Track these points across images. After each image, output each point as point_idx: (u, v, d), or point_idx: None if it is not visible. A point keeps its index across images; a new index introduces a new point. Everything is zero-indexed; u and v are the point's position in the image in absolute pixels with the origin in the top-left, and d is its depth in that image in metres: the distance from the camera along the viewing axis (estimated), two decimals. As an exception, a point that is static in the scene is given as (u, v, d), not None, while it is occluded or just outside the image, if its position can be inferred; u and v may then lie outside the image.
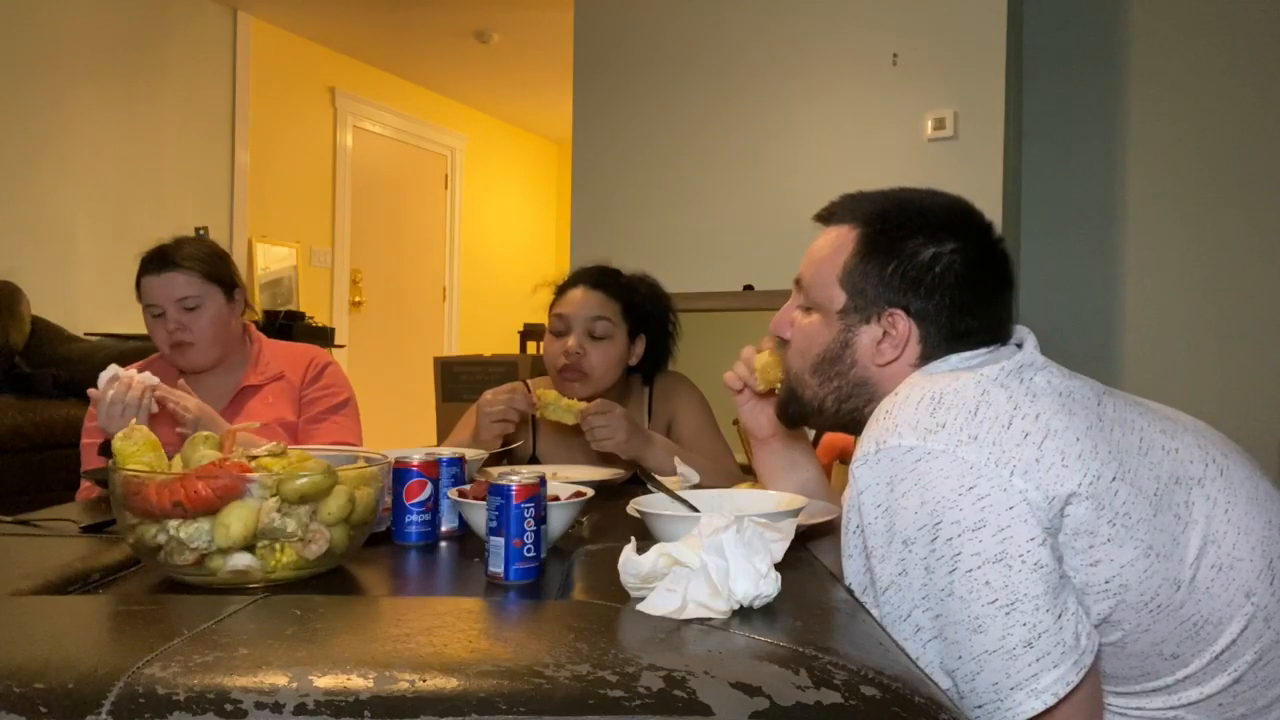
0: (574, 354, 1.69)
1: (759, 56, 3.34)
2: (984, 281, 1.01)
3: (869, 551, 0.89)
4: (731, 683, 0.60)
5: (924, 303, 0.99)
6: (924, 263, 0.99)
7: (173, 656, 0.61)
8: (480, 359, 3.92)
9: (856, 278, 1.02)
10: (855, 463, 0.90)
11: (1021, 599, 0.80)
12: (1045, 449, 0.85)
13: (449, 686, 0.59)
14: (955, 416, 0.86)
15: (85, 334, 3.68)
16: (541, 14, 4.55)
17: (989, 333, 1.01)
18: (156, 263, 1.73)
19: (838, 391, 1.05)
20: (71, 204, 3.90)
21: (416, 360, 5.26)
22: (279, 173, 4.87)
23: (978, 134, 2.98)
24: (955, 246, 1.00)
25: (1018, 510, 0.82)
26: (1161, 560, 0.86)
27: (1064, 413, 0.88)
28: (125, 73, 4.11)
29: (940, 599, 0.83)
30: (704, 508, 1.07)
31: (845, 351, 1.04)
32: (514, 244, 6.73)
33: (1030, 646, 0.80)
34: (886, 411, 0.91)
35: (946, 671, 0.84)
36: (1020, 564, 0.81)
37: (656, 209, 3.52)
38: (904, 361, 1.01)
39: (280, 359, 1.86)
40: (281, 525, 0.88)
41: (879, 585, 0.88)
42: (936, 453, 0.84)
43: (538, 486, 0.92)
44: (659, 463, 1.59)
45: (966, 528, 0.82)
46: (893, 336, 1.01)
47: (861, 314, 1.02)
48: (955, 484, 0.83)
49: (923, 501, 0.84)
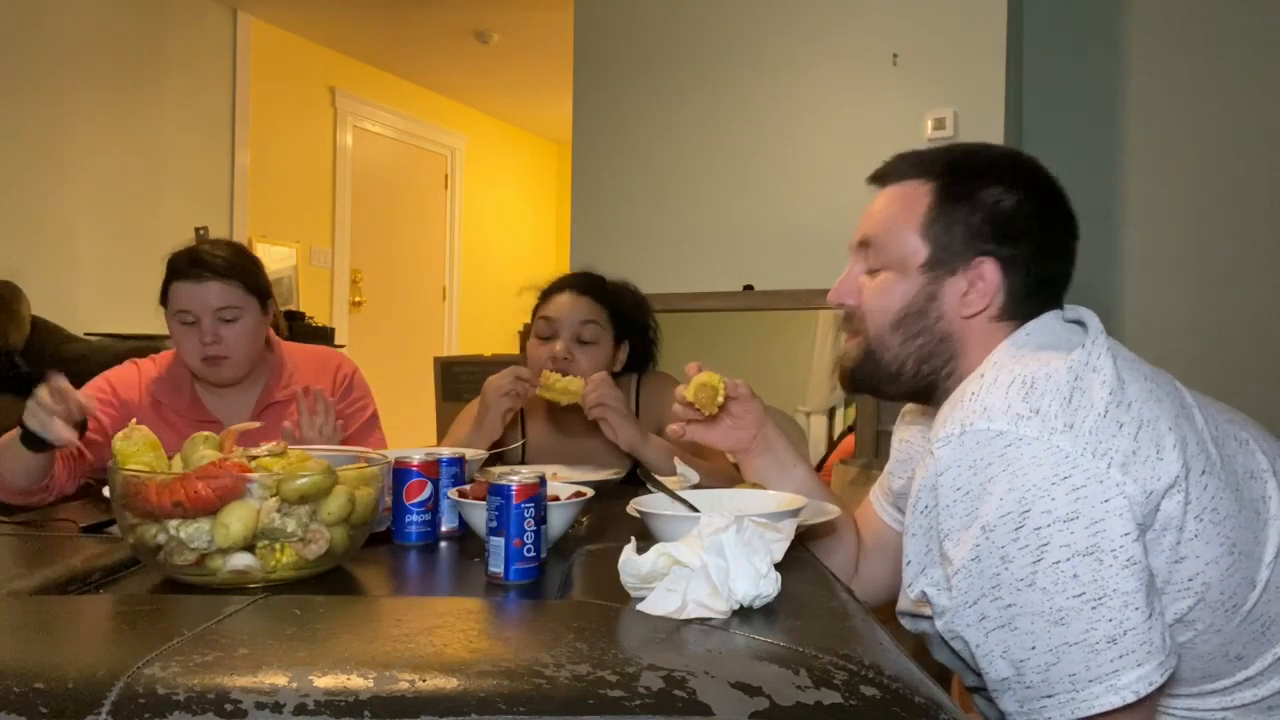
0: (561, 358, 1.69)
1: (759, 56, 3.34)
2: (1059, 228, 1.00)
3: (943, 534, 0.86)
4: (731, 683, 0.60)
5: (1011, 249, 0.97)
6: (1008, 209, 0.97)
7: (173, 656, 0.61)
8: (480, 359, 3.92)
9: (939, 229, 0.99)
10: (936, 443, 0.87)
11: (1110, 594, 0.78)
12: (1141, 440, 0.82)
13: (449, 686, 0.59)
14: (1050, 403, 0.83)
15: (85, 334, 3.68)
16: (541, 14, 4.55)
17: (1063, 282, 1.00)
18: (195, 268, 1.64)
19: (920, 349, 1.01)
20: (71, 204, 3.89)
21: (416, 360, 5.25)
22: (279, 173, 4.87)
23: (978, 134, 2.97)
24: (1030, 193, 0.99)
25: (1114, 504, 0.79)
26: (1243, 558, 0.84)
27: (1153, 400, 0.86)
28: (125, 73, 4.11)
29: (1016, 589, 0.81)
30: (704, 508, 1.07)
31: (931, 305, 1.00)
32: (514, 244, 6.73)
33: (1114, 643, 0.78)
34: (972, 394, 0.88)
35: (1011, 661, 0.82)
36: (1113, 559, 0.79)
37: (656, 209, 3.52)
38: (988, 314, 0.98)
39: (303, 369, 1.78)
40: (281, 525, 0.88)
41: (950, 568, 0.85)
42: (1029, 439, 0.81)
43: (538, 486, 0.92)
44: (654, 455, 1.59)
45: (1058, 518, 0.79)
46: (981, 286, 0.98)
47: (947, 266, 0.99)
48: (1049, 473, 0.80)
49: (1010, 488, 0.81)
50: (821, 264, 3.03)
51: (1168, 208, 3.21)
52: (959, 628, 0.85)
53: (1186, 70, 3.16)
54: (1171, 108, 3.19)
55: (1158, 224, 3.22)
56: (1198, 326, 3.15)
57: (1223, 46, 3.12)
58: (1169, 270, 3.21)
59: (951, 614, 0.85)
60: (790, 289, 3.01)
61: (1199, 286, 3.16)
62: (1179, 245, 3.19)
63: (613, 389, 1.60)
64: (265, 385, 1.76)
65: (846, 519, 1.20)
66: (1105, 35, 3.29)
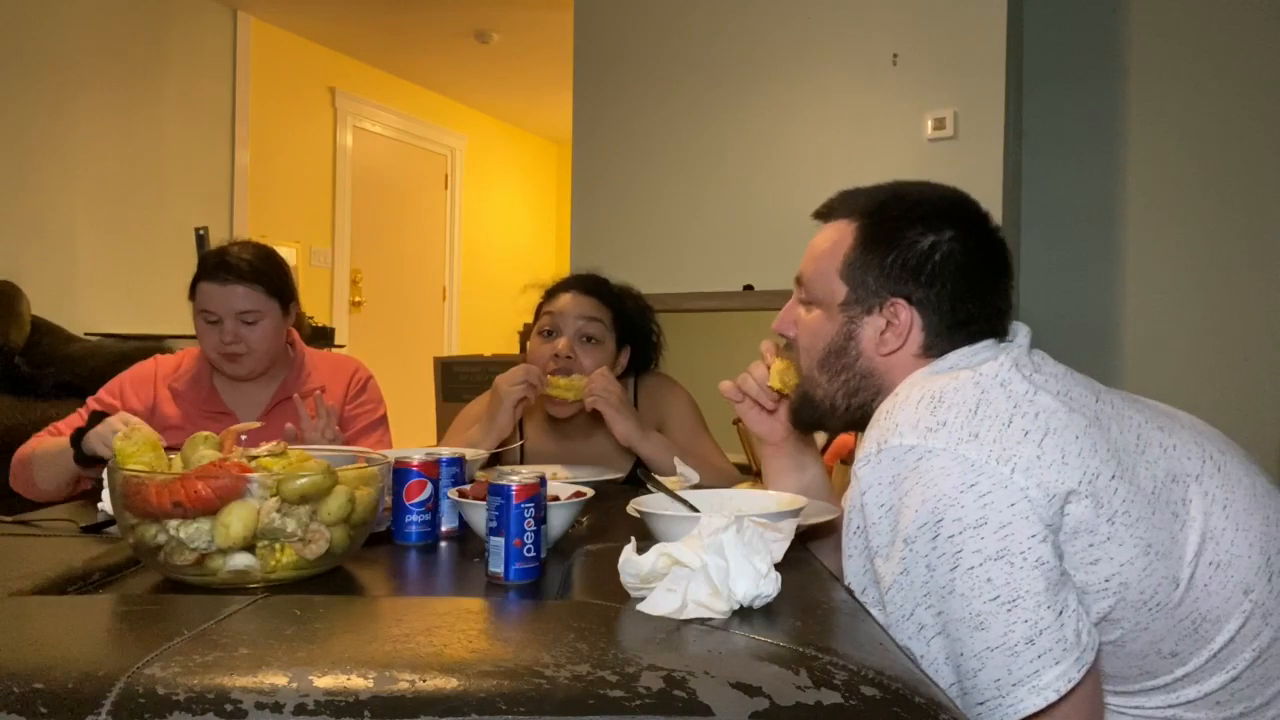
0: (564, 356, 1.68)
1: (759, 56, 3.34)
2: (983, 269, 1.02)
3: (873, 551, 0.89)
4: (731, 683, 0.60)
5: (925, 291, 1.00)
6: (923, 251, 1.00)
7: (173, 656, 0.61)
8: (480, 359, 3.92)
9: (857, 270, 1.03)
10: (858, 463, 0.90)
11: (1023, 596, 0.80)
12: (1045, 446, 0.85)
13: (449, 686, 0.59)
14: (956, 415, 0.87)
15: (85, 334, 3.68)
16: (541, 14, 4.55)
17: (990, 321, 1.01)
18: (221, 271, 1.69)
19: (845, 385, 1.05)
20: (71, 204, 3.89)
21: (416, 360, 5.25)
22: (279, 173, 4.87)
23: (978, 134, 2.98)
24: (953, 234, 1.01)
25: (1019, 507, 0.82)
26: (1160, 558, 0.86)
27: (1063, 410, 0.88)
28: (125, 73, 4.11)
29: (942, 596, 0.83)
30: (704, 508, 1.07)
31: (849, 344, 1.04)
32: (514, 244, 6.72)
33: (1031, 643, 0.80)
34: (887, 412, 0.91)
35: (953, 667, 0.84)
36: (1022, 561, 0.81)
37: (656, 209, 3.52)
38: (907, 351, 1.02)
39: (321, 371, 1.83)
40: (281, 525, 0.88)
41: (883, 585, 0.88)
42: (938, 451, 0.84)
43: (538, 486, 0.92)
44: (652, 450, 1.59)
45: (968, 525, 0.82)
46: (895, 326, 1.01)
47: (863, 305, 1.03)
48: (956, 481, 0.83)
49: (924, 499, 0.84)
50: (821, 264, 3.03)
51: (1168, 207, 3.21)
52: (902, 640, 0.87)
53: (1186, 70, 3.16)
54: (1172, 107, 3.19)
55: (1158, 224, 3.22)
56: (1197, 326, 3.15)
57: (1223, 46, 3.12)
58: (1169, 270, 3.21)
59: (893, 630, 0.87)
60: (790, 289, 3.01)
61: (1199, 286, 3.16)
62: (1179, 245, 3.19)
63: (613, 382, 1.61)
64: (283, 382, 1.79)
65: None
66: (1105, 35, 3.29)
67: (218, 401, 1.75)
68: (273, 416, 1.72)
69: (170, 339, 3.38)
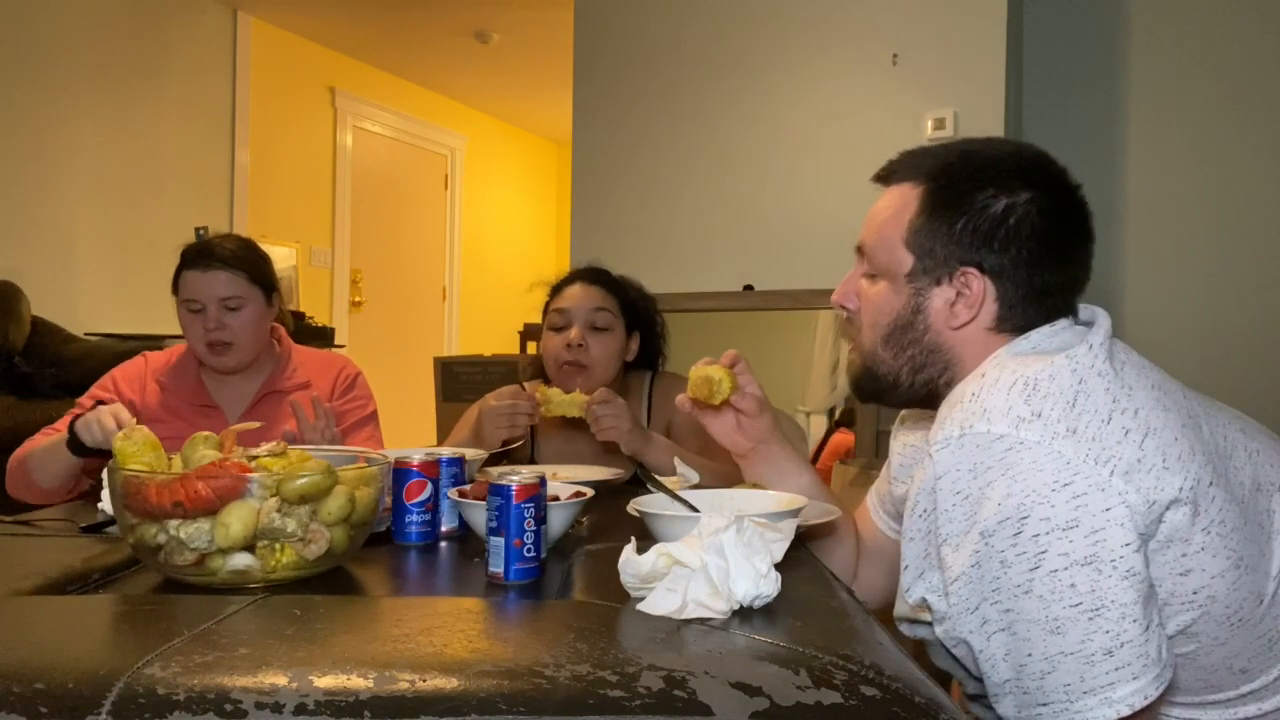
0: (576, 345, 1.70)
1: (759, 56, 3.34)
2: (1063, 234, 0.94)
3: (941, 539, 0.84)
4: (731, 683, 0.60)
5: (999, 258, 0.92)
6: (996, 215, 0.92)
7: (173, 656, 0.61)
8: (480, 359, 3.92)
9: (924, 237, 0.95)
10: (935, 445, 0.84)
11: (1108, 606, 0.76)
12: (1146, 448, 0.79)
13: (449, 686, 0.59)
14: (1052, 406, 0.80)
15: (85, 334, 3.68)
16: (541, 14, 4.55)
17: (1069, 292, 0.94)
18: (202, 258, 1.70)
19: (911, 361, 0.98)
20: (71, 204, 3.89)
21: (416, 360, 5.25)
22: (279, 173, 4.87)
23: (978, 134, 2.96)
24: (1030, 196, 0.92)
25: (1115, 513, 0.77)
26: (1249, 572, 0.82)
27: (1160, 408, 0.83)
28: (125, 72, 4.11)
29: (1014, 595, 0.79)
30: (704, 508, 1.07)
31: (917, 318, 0.96)
32: (514, 244, 6.73)
33: (1110, 655, 0.76)
34: (973, 394, 0.85)
35: (1012, 664, 0.81)
36: (1111, 570, 0.76)
37: (656, 209, 3.52)
38: (979, 325, 0.95)
39: (308, 366, 1.84)
40: (281, 525, 0.88)
41: (949, 574, 0.84)
42: (1030, 443, 0.79)
43: (538, 486, 0.92)
44: (658, 460, 1.59)
45: (1056, 526, 0.77)
46: (967, 297, 0.94)
47: (931, 276, 0.95)
48: (1049, 478, 0.78)
49: (1009, 493, 0.79)
50: (821, 264, 3.04)
51: (1168, 206, 3.21)
52: (961, 633, 0.84)
53: (1187, 70, 3.17)
54: (1172, 107, 3.19)
55: (1158, 223, 3.22)
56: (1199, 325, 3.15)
57: (1223, 46, 3.12)
58: (1169, 269, 3.21)
59: (953, 620, 0.84)
60: (790, 289, 3.01)
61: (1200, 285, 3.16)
62: (1179, 244, 3.19)
63: (613, 406, 1.58)
64: (268, 376, 1.80)
65: (847, 520, 1.19)
66: (1105, 35, 3.29)
67: (204, 395, 1.77)
68: (258, 410, 1.74)
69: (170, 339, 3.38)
